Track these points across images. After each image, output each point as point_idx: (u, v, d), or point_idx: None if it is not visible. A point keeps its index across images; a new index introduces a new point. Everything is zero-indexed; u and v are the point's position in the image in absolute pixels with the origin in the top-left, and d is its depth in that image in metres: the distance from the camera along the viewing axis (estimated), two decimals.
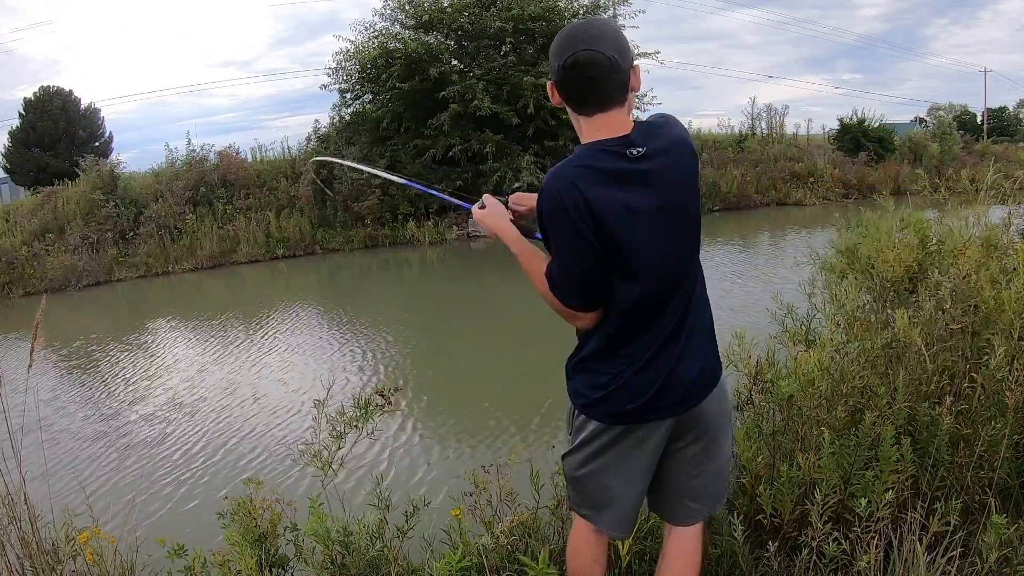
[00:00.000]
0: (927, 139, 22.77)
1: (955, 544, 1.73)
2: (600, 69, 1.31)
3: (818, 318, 2.72)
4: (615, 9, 16.74)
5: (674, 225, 1.38)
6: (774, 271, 9.22)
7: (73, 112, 22.10)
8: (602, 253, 1.33)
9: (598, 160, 1.33)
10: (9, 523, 1.92)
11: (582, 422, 1.57)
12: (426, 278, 11.77)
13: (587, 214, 1.30)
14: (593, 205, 1.30)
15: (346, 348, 6.85)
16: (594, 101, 1.35)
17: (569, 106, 1.40)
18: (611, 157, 1.32)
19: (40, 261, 12.60)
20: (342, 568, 1.97)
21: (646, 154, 1.33)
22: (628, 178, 1.32)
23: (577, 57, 1.31)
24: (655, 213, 1.34)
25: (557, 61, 1.34)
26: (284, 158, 17.04)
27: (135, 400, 5.67)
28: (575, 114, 1.40)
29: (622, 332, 1.44)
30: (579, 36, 1.33)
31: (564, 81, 1.36)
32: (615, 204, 1.31)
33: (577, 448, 1.60)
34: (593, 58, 1.30)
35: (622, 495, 1.59)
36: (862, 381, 2.17)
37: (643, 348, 1.44)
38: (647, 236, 1.34)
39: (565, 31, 1.37)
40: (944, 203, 2.80)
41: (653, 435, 1.51)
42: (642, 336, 1.44)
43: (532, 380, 5.20)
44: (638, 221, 1.33)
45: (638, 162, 1.32)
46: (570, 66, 1.32)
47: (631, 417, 1.48)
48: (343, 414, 2.17)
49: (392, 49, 14.94)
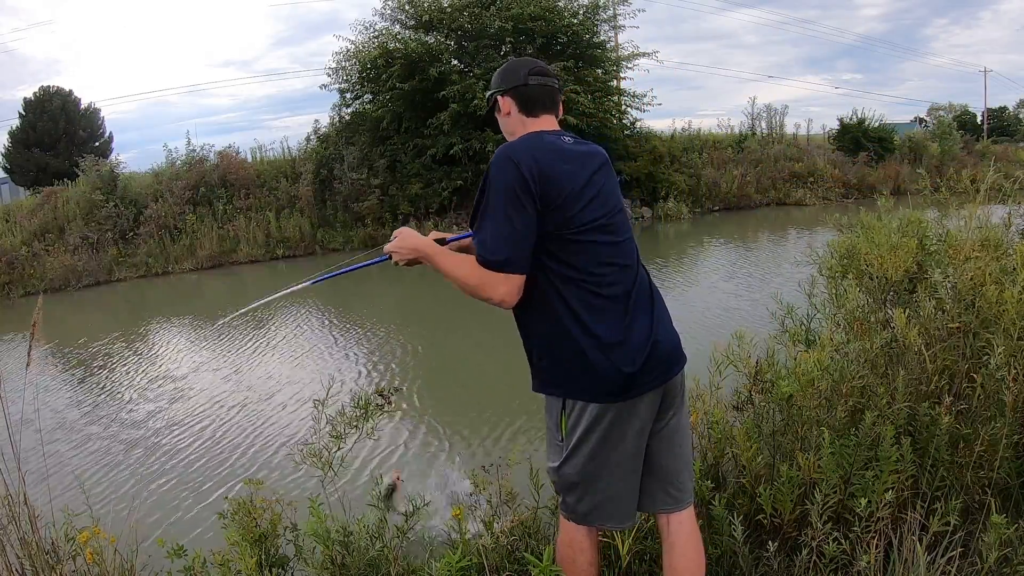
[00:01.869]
0: (927, 139, 22.78)
1: (955, 544, 1.73)
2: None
3: (818, 318, 2.72)
4: (615, 9, 16.76)
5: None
6: (774, 271, 9.22)
7: (73, 112, 22.09)
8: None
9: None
10: (9, 523, 1.92)
11: (575, 418, 1.58)
12: (426, 278, 11.76)
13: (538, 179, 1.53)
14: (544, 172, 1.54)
15: (346, 348, 6.85)
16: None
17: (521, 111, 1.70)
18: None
19: (40, 261, 12.60)
20: (342, 568, 1.97)
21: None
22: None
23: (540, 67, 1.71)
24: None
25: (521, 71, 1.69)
26: (284, 158, 17.05)
27: (135, 400, 5.67)
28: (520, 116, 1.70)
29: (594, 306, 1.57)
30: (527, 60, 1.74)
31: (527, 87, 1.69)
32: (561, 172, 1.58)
33: (576, 448, 1.60)
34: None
35: (625, 482, 1.62)
36: (862, 381, 2.17)
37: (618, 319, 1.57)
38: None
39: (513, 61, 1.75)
40: (944, 203, 2.80)
41: (643, 409, 1.59)
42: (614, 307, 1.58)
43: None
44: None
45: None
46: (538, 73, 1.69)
47: (627, 390, 1.55)
48: (343, 414, 2.17)
49: (392, 49, 14.94)
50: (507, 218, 1.50)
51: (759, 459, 2.14)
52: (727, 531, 1.95)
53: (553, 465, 1.66)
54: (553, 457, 1.67)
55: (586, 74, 15.31)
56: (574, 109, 14.35)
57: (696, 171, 17.58)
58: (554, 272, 1.55)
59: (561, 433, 1.62)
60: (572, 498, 1.65)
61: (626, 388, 1.54)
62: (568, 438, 1.61)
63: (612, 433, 1.57)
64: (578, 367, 1.55)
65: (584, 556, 1.69)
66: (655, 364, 1.57)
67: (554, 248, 1.54)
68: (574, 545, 1.69)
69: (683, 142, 19.44)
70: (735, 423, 2.40)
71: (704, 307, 7.28)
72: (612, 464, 1.59)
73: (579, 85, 14.56)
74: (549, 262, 1.55)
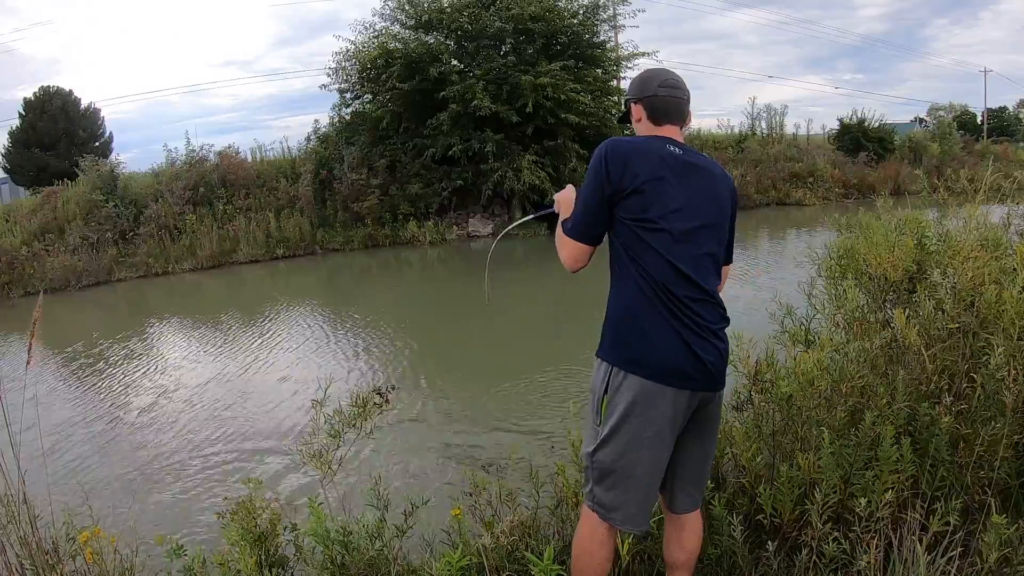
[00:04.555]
0: (927, 139, 22.78)
1: (955, 544, 1.73)
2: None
3: (817, 318, 2.72)
4: (615, 9, 16.75)
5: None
6: (774, 271, 9.22)
7: (73, 112, 22.07)
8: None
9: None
10: (9, 523, 1.92)
11: (616, 398, 1.63)
12: (426, 278, 11.77)
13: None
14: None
15: (345, 348, 6.85)
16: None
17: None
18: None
19: (40, 261, 12.58)
20: (342, 568, 1.97)
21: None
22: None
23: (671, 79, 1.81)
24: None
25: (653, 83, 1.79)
26: (284, 158, 17.04)
27: (135, 400, 5.67)
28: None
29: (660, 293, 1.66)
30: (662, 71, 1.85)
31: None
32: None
33: (612, 432, 1.64)
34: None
35: (652, 478, 1.67)
36: (862, 381, 2.17)
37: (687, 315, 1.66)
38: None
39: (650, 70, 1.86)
40: (944, 203, 2.79)
41: (682, 404, 1.64)
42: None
43: (533, 380, 5.19)
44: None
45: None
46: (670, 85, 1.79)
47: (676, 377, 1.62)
48: (342, 413, 2.17)
49: (392, 49, 14.94)
50: (585, 196, 1.72)
51: (759, 459, 2.14)
52: (727, 531, 1.95)
53: (588, 450, 1.71)
54: (589, 442, 1.72)
55: (586, 74, 15.30)
56: (574, 108, 14.36)
57: None
58: (628, 257, 1.69)
59: (600, 416, 1.67)
60: (601, 488, 1.68)
61: (675, 373, 1.61)
62: (607, 420, 1.65)
63: (651, 418, 1.61)
64: (636, 338, 1.63)
65: (604, 550, 1.72)
66: (706, 369, 1.64)
67: (626, 235, 1.68)
68: (595, 538, 1.71)
69: None
70: (735, 423, 2.40)
71: None
72: (646, 453, 1.63)
73: (579, 85, 14.56)
74: (624, 247, 1.69)
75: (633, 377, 1.62)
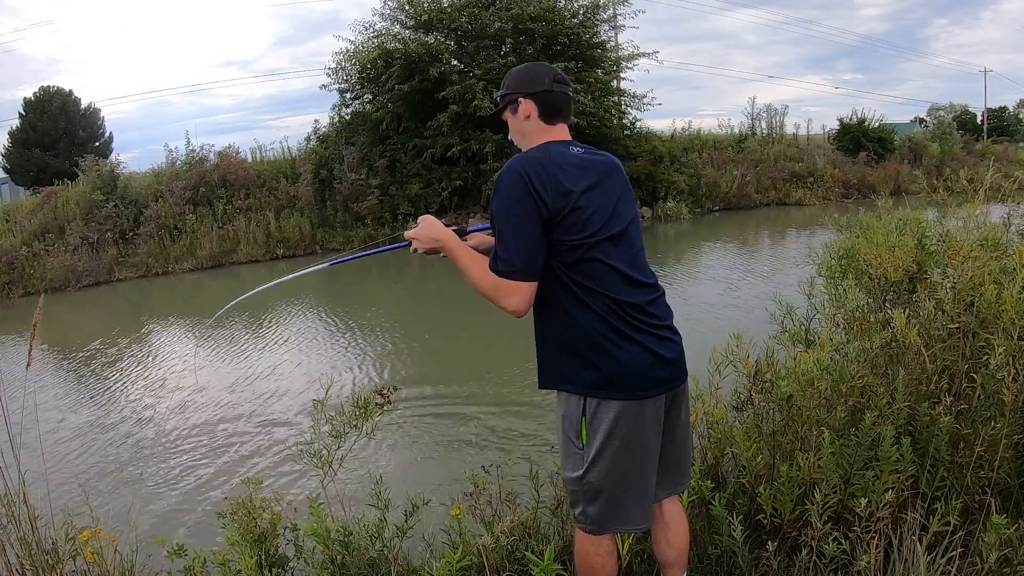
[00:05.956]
0: (927, 139, 22.79)
1: (955, 544, 1.73)
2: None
3: (817, 318, 2.72)
4: (615, 9, 16.77)
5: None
6: (774, 271, 9.22)
7: (73, 112, 22.08)
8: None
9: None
10: (9, 523, 1.92)
11: (597, 421, 1.58)
12: (426, 278, 11.77)
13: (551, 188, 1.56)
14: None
15: (346, 348, 6.85)
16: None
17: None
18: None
19: (40, 261, 12.59)
20: (342, 568, 1.97)
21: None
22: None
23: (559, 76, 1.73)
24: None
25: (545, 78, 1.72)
26: (284, 158, 17.05)
27: (135, 400, 5.67)
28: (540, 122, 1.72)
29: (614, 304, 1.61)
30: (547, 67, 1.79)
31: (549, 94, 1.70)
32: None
33: (600, 453, 1.58)
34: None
35: (646, 483, 1.64)
36: (862, 381, 2.17)
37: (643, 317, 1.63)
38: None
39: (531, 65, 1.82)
40: (944, 203, 2.80)
41: (659, 408, 1.64)
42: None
43: (533, 380, 5.19)
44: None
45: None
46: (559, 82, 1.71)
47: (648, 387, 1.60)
48: (342, 413, 2.17)
49: (392, 49, 14.94)
50: (516, 228, 1.53)
51: (759, 459, 2.14)
52: (727, 531, 1.95)
53: (575, 475, 1.62)
54: (573, 467, 1.63)
55: (586, 74, 15.31)
56: (574, 109, 14.33)
57: (696, 171, 17.58)
58: (571, 279, 1.57)
59: (581, 441, 1.60)
60: (593, 508, 1.63)
61: (649, 385, 1.58)
62: (590, 444, 1.59)
63: (635, 432, 1.58)
64: (605, 362, 1.57)
65: (612, 559, 1.71)
66: (674, 368, 1.63)
67: (568, 256, 1.56)
68: (601, 550, 1.68)
69: (683, 142, 19.45)
70: (735, 423, 2.40)
71: (704, 307, 7.28)
72: (637, 464, 1.60)
73: (579, 85, 14.56)
74: (565, 269, 1.57)
75: (610, 402, 1.57)
